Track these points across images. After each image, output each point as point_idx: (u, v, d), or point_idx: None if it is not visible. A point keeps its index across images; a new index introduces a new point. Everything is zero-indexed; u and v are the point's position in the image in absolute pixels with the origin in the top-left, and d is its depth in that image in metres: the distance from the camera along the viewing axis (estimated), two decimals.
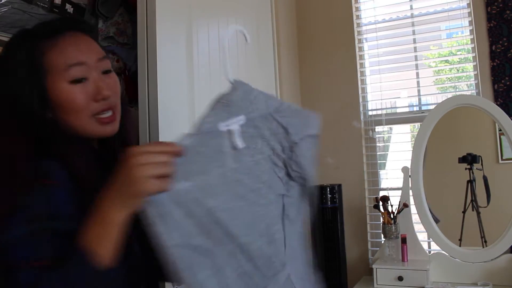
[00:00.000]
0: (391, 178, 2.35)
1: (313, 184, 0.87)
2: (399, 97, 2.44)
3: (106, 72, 0.87)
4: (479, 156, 1.98)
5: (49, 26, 0.86)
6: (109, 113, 0.86)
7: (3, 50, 0.85)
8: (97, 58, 0.85)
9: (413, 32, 2.31)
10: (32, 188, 0.72)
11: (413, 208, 2.05)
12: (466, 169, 1.99)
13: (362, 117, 2.38)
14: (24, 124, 0.79)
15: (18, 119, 0.79)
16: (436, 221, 2.00)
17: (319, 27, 2.47)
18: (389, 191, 2.24)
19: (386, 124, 2.34)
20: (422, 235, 2.13)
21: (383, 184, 2.36)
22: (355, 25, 2.41)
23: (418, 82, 2.30)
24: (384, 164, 2.40)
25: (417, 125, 2.31)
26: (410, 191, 2.06)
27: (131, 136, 0.99)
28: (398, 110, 2.38)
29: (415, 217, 2.06)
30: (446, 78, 2.40)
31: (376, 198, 2.08)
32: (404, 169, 2.09)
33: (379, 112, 2.36)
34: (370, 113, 2.39)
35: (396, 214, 2.02)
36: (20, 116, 0.79)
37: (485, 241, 1.94)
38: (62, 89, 0.81)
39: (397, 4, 2.36)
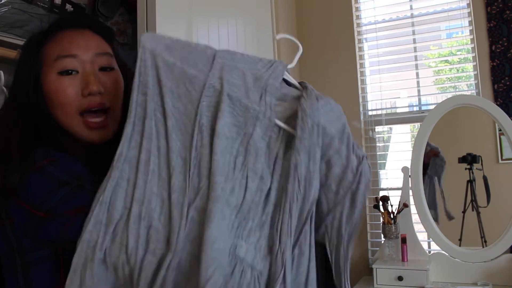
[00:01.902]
0: (391, 178, 2.35)
1: None
2: (399, 97, 2.44)
3: (104, 69, 0.83)
4: (479, 156, 1.98)
5: (53, 23, 0.87)
6: (99, 118, 0.81)
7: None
8: (94, 53, 0.82)
9: (413, 32, 2.31)
10: (27, 171, 0.73)
11: (413, 208, 2.05)
12: (466, 169, 1.99)
13: (362, 117, 2.38)
14: (22, 114, 0.80)
15: (18, 109, 0.81)
16: (450, 218, 2.02)
17: (319, 27, 2.47)
18: (389, 191, 2.24)
19: (386, 124, 2.34)
20: (422, 235, 2.13)
21: (383, 184, 2.36)
22: (355, 25, 2.41)
23: (418, 82, 2.30)
24: (384, 164, 2.40)
25: (417, 125, 2.31)
26: (410, 191, 2.06)
27: None
28: (398, 110, 2.38)
29: (415, 217, 2.06)
30: (446, 78, 2.40)
31: (376, 198, 2.08)
32: (404, 169, 2.09)
33: (379, 112, 2.36)
34: (370, 113, 2.39)
35: (396, 214, 2.02)
36: (19, 106, 0.81)
37: (485, 241, 1.94)
38: (51, 79, 0.80)
39: (397, 4, 2.36)
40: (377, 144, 2.36)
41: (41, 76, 0.81)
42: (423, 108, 2.30)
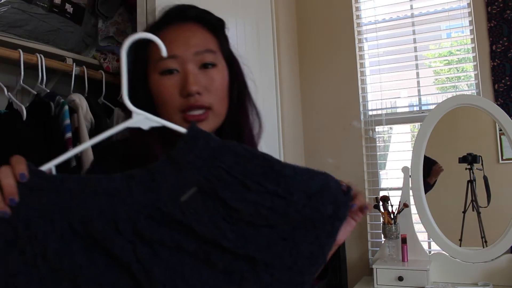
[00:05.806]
0: (391, 178, 2.34)
1: None
2: (399, 97, 2.44)
3: (205, 66, 0.82)
4: (480, 156, 1.98)
5: (159, 19, 0.87)
6: (199, 111, 0.79)
7: None
8: (194, 51, 0.81)
9: (413, 32, 2.31)
10: None
11: (413, 208, 2.05)
12: (466, 169, 1.99)
13: (362, 117, 2.37)
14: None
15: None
16: None
17: (319, 27, 2.46)
18: (389, 191, 2.24)
19: (386, 124, 2.34)
20: (422, 235, 2.13)
21: (383, 184, 2.36)
22: (355, 25, 2.41)
23: (418, 82, 2.30)
24: (384, 164, 2.40)
25: (417, 125, 2.31)
26: (410, 191, 2.06)
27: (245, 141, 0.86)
28: (398, 110, 2.38)
29: (415, 217, 2.06)
30: (446, 78, 2.40)
31: (376, 198, 2.07)
32: (404, 169, 2.08)
33: (379, 112, 2.36)
34: (370, 113, 2.39)
35: (396, 214, 2.02)
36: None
37: (486, 241, 1.94)
38: (153, 80, 0.81)
39: (397, 4, 2.36)
40: (377, 144, 2.36)
41: (148, 76, 0.82)
42: (423, 108, 2.30)
